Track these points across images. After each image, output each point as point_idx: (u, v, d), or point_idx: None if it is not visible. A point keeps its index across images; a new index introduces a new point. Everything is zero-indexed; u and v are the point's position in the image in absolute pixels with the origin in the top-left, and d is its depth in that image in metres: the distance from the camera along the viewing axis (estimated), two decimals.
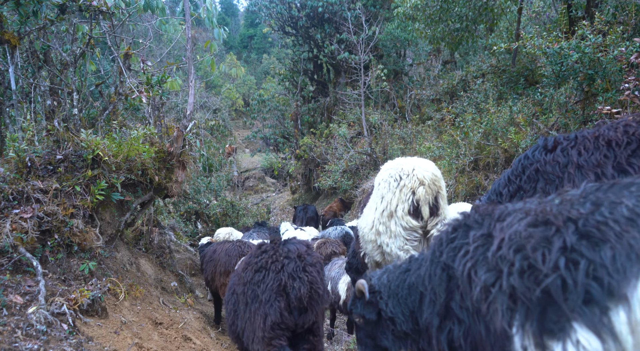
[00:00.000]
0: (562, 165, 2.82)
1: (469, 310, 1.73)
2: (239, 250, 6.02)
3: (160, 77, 6.49)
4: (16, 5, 5.33)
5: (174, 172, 6.62)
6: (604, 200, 1.49)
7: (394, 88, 16.31)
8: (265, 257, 3.54)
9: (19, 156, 4.93)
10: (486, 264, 1.61)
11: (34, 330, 3.75)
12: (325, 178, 13.80)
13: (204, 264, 6.78)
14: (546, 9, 11.97)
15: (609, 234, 1.39)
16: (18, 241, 4.39)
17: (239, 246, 6.16)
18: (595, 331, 1.34)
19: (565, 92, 7.79)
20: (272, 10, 17.53)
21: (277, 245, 3.61)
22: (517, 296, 1.48)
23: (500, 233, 1.63)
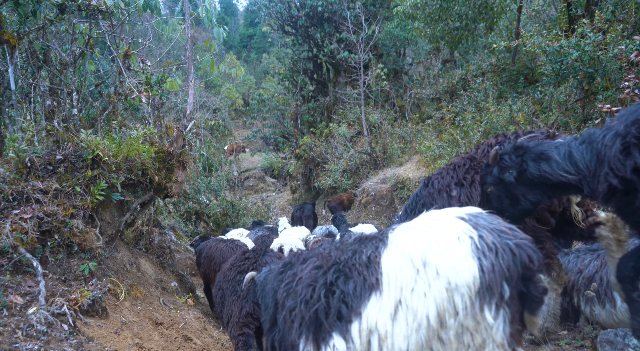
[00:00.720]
0: (431, 193, 3.90)
1: (285, 322, 2.47)
2: (231, 252, 6.63)
3: (159, 77, 6.48)
4: (15, 5, 5.32)
5: (173, 172, 6.61)
6: (357, 249, 2.36)
7: (394, 88, 16.31)
8: (247, 263, 4.67)
9: (18, 156, 4.93)
10: (292, 294, 2.43)
11: (35, 330, 3.75)
12: (325, 178, 13.80)
13: (201, 258, 7.35)
14: (546, 7, 11.96)
15: (354, 273, 2.24)
16: (18, 241, 4.39)
17: (231, 247, 6.77)
18: (343, 337, 2.17)
19: (565, 91, 7.78)
20: (271, 10, 17.52)
21: (258, 255, 4.75)
22: (303, 317, 2.31)
23: (300, 273, 2.48)
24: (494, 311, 1.90)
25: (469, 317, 1.91)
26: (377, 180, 12.20)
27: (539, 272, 1.96)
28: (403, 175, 10.87)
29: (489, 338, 1.91)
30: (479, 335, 1.92)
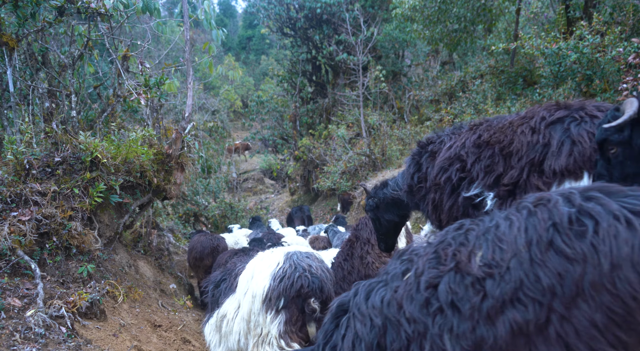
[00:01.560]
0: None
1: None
2: (210, 243, 7.43)
3: (158, 79, 6.48)
4: (14, 7, 5.32)
5: (172, 174, 6.60)
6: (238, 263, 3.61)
7: (393, 89, 16.32)
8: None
9: (17, 158, 4.92)
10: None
11: (33, 333, 3.74)
12: (324, 180, 13.80)
13: (188, 249, 8.08)
14: (544, 10, 11.99)
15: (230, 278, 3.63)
16: (16, 244, 4.38)
17: (211, 239, 7.55)
18: (213, 316, 3.66)
19: (563, 93, 7.80)
20: (270, 12, 17.53)
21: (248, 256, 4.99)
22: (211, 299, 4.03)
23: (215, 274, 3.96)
24: (272, 314, 2.94)
25: (260, 316, 2.99)
26: (376, 181, 12.20)
27: (309, 297, 2.92)
28: None
29: (268, 331, 2.97)
30: (264, 328, 2.98)
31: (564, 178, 2.39)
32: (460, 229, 1.63)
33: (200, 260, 7.41)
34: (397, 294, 1.65)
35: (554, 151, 2.41)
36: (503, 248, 1.42)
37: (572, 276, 1.28)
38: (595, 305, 1.22)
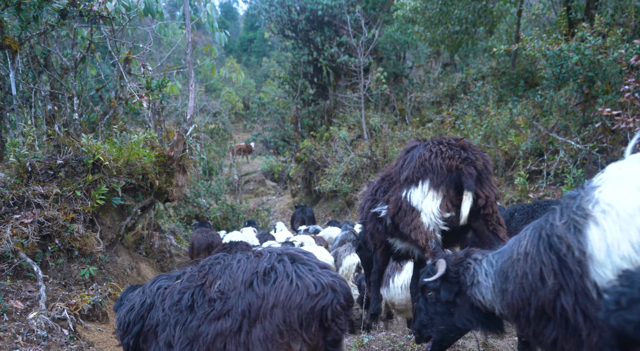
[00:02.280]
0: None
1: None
2: (206, 240, 7.93)
3: (160, 81, 6.49)
4: (17, 10, 5.34)
5: (174, 176, 6.61)
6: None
7: (394, 91, 16.33)
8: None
9: (19, 161, 4.93)
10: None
11: (35, 335, 3.74)
12: (326, 181, 13.79)
13: (189, 246, 8.56)
14: (546, 11, 11.99)
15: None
16: (19, 246, 4.38)
17: (206, 236, 8.05)
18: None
19: (565, 94, 7.79)
20: (271, 14, 17.56)
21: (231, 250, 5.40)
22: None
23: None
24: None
25: None
26: None
27: None
28: None
29: None
30: None
31: (409, 185, 3.37)
32: (216, 260, 2.56)
33: (197, 255, 7.94)
34: (166, 290, 2.58)
35: (405, 166, 3.48)
36: (230, 282, 2.36)
37: (257, 306, 2.25)
38: (266, 323, 2.24)
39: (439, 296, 2.63)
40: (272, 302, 2.25)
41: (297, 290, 2.28)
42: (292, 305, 2.24)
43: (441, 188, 3.24)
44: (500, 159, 8.74)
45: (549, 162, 7.66)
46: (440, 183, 3.22)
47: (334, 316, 2.32)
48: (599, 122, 6.71)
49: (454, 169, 3.21)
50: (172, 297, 2.48)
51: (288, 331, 2.24)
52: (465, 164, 3.22)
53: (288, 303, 2.24)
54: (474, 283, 2.46)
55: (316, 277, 2.35)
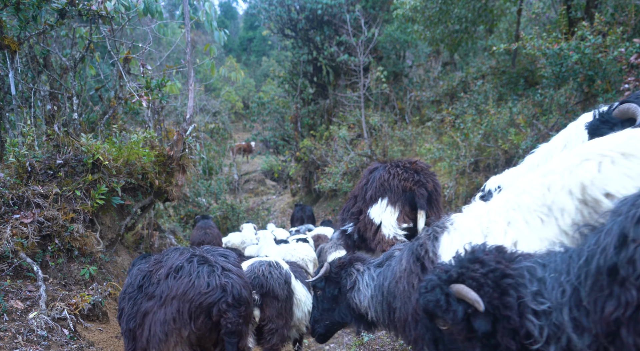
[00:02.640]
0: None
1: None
2: (199, 238, 8.13)
3: (159, 81, 6.49)
4: (16, 10, 5.33)
5: (174, 176, 6.61)
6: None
7: (394, 90, 16.32)
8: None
9: (19, 161, 4.93)
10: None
11: (35, 335, 3.74)
12: (326, 181, 13.78)
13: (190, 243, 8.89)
14: (546, 10, 11.98)
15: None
16: (18, 246, 4.38)
17: (201, 234, 8.29)
18: None
19: (565, 93, 7.78)
20: (271, 13, 17.54)
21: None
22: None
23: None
24: None
25: None
26: None
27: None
28: None
29: None
30: None
31: (372, 203, 3.95)
32: (171, 252, 3.15)
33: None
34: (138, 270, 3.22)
35: (368, 186, 4.04)
36: (162, 272, 2.97)
37: (166, 294, 2.85)
38: (167, 309, 2.83)
39: (325, 294, 3.12)
40: (173, 294, 2.83)
41: (192, 287, 2.82)
42: (185, 298, 2.80)
43: (397, 204, 3.87)
44: (500, 158, 8.73)
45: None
46: (397, 200, 3.88)
47: (220, 312, 2.82)
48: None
49: (408, 190, 3.85)
50: (134, 277, 3.13)
51: (180, 319, 2.80)
52: (417, 186, 3.85)
53: (183, 296, 2.80)
54: (354, 288, 2.96)
55: (212, 278, 2.87)
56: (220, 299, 2.83)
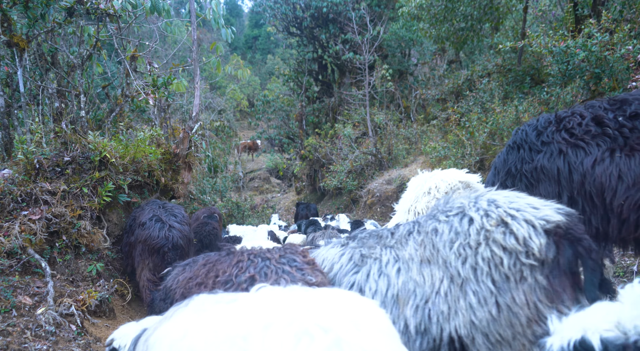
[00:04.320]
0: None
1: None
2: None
3: (166, 79, 6.52)
4: (25, 8, 5.38)
5: (180, 173, 6.64)
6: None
7: (399, 88, 16.28)
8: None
9: (27, 158, 4.97)
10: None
11: (43, 331, 3.78)
12: (331, 179, 13.79)
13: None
14: (552, 8, 11.90)
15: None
16: (27, 242, 4.43)
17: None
18: None
19: (571, 91, 7.73)
20: (276, 11, 17.55)
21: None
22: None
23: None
24: None
25: None
26: (383, 181, 12.19)
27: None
28: (408, 176, 10.85)
29: None
30: None
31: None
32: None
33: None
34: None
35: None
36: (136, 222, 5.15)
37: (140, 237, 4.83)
38: (139, 247, 4.85)
39: None
40: (140, 239, 4.72)
41: (149, 236, 4.67)
42: (146, 242, 4.65)
43: None
44: None
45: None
46: None
47: (164, 252, 4.62)
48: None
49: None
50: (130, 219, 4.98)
51: (143, 254, 4.68)
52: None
53: (144, 241, 4.66)
54: None
55: (161, 231, 4.70)
56: (165, 245, 4.63)
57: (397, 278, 2.25)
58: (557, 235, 1.98)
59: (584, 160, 2.75)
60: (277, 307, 1.31)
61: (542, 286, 1.94)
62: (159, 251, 4.59)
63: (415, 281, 2.20)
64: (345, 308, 1.36)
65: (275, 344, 1.15)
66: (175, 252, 4.63)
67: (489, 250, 2.02)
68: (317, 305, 1.35)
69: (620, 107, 2.88)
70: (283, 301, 1.36)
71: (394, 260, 2.32)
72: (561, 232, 1.99)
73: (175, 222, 4.88)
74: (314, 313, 1.27)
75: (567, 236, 1.98)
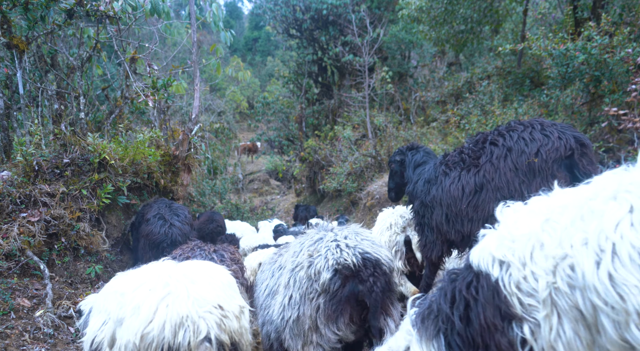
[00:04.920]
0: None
1: None
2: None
3: (165, 81, 6.51)
4: (25, 10, 5.37)
5: (179, 175, 6.63)
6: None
7: (399, 91, 16.29)
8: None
9: (26, 160, 4.96)
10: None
11: (42, 333, 3.77)
12: (330, 181, 13.78)
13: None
14: (552, 10, 11.92)
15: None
16: (26, 244, 4.41)
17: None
18: None
19: (571, 94, 7.74)
20: (276, 13, 17.56)
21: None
22: None
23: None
24: None
25: None
26: (382, 183, 12.18)
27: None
28: None
29: None
30: None
31: None
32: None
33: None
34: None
35: None
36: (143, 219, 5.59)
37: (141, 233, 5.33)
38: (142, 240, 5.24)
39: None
40: (143, 234, 5.17)
41: (151, 232, 5.08)
42: (148, 238, 5.07)
43: None
44: None
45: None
46: None
47: (164, 247, 4.94)
48: (606, 122, 6.66)
49: None
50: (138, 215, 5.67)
51: (146, 247, 5.13)
52: None
53: (147, 236, 5.09)
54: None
55: (162, 228, 5.10)
56: (164, 240, 4.95)
57: (273, 279, 3.28)
58: (342, 274, 2.59)
59: (446, 182, 3.60)
60: (156, 270, 2.22)
61: (322, 308, 2.63)
62: (159, 246, 4.90)
63: (277, 284, 3.17)
64: (199, 270, 2.26)
65: (139, 296, 2.02)
66: (173, 248, 4.83)
67: (300, 274, 2.80)
68: (181, 270, 2.21)
69: (474, 138, 3.69)
70: (163, 267, 2.27)
71: (279, 267, 3.28)
72: (348, 273, 2.58)
73: (177, 221, 5.24)
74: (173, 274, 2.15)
75: (354, 276, 2.58)
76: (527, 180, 3.12)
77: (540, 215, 1.49)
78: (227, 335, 2.06)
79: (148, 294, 2.01)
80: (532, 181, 3.10)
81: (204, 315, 2.00)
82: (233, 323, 2.11)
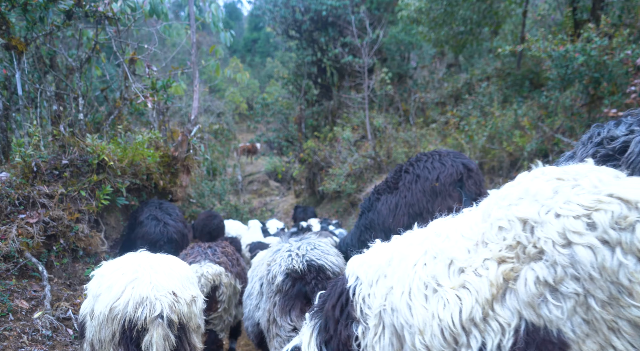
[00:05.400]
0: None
1: None
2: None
3: (165, 82, 6.51)
4: (23, 11, 5.36)
5: (178, 176, 6.62)
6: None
7: (398, 92, 16.29)
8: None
9: (25, 161, 4.95)
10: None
11: (40, 335, 3.75)
12: (330, 182, 13.77)
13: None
14: (551, 12, 11.93)
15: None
16: (24, 246, 4.40)
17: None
18: None
19: (570, 95, 7.75)
20: (275, 14, 17.55)
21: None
22: None
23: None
24: None
25: None
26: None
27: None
28: None
29: None
30: None
31: None
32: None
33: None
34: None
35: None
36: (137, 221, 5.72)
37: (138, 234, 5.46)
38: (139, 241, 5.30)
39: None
40: (139, 235, 5.28)
41: (146, 232, 5.20)
42: (144, 237, 5.17)
43: None
44: (504, 160, 8.70)
45: (554, 163, 7.60)
46: None
47: (159, 245, 5.10)
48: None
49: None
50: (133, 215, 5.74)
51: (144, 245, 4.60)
52: None
53: (143, 237, 5.20)
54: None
55: (157, 228, 5.24)
56: (160, 239, 5.13)
57: (250, 283, 4.10)
58: (291, 277, 3.21)
59: (378, 205, 4.48)
60: (131, 260, 2.74)
61: (277, 304, 3.26)
62: (156, 245, 5.10)
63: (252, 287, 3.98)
64: (164, 263, 2.76)
65: (113, 278, 2.58)
66: (170, 245, 5.17)
67: (267, 277, 3.39)
68: (149, 261, 2.71)
69: (394, 169, 4.59)
70: (137, 258, 2.78)
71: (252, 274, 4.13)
72: (296, 275, 3.19)
73: (170, 219, 5.48)
74: (142, 263, 2.67)
75: (301, 278, 3.18)
76: (432, 199, 4.04)
77: (391, 251, 1.99)
78: (177, 316, 2.54)
79: (120, 277, 2.57)
80: (435, 200, 4.02)
81: (160, 297, 2.50)
82: (183, 307, 2.59)
